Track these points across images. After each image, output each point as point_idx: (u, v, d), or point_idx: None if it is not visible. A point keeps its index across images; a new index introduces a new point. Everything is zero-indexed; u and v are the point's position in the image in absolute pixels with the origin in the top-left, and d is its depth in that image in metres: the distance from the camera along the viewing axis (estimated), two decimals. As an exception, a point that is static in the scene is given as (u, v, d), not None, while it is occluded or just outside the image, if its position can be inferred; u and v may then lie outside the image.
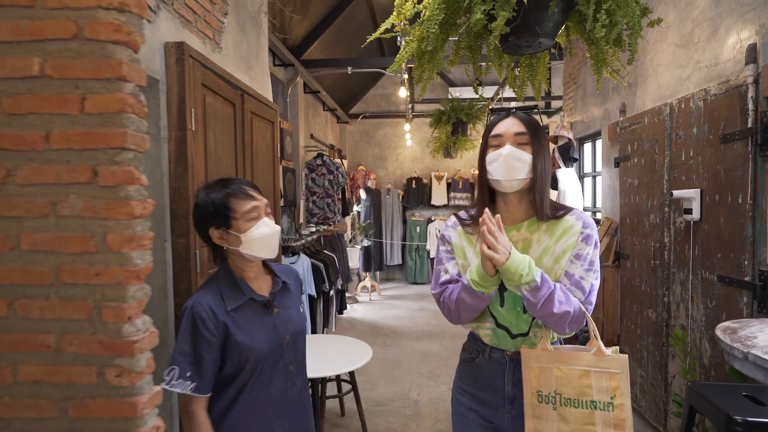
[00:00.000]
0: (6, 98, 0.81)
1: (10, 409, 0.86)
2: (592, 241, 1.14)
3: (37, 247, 0.84)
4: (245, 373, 1.19)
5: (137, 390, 0.85)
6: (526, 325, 1.18)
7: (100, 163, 0.81)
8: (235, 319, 1.18)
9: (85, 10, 0.78)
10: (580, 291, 1.12)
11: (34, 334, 0.85)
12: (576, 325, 1.10)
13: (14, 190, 0.83)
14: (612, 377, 1.06)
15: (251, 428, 1.20)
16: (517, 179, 1.14)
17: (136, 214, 0.83)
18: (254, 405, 1.20)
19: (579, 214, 1.18)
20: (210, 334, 1.14)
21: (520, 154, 1.14)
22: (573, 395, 1.08)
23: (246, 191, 1.21)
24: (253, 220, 1.19)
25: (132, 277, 0.84)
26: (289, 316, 1.29)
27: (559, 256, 1.14)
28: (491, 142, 1.19)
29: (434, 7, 1.75)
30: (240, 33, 2.62)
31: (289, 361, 1.26)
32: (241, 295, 1.21)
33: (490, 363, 1.22)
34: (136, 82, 0.82)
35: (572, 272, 1.13)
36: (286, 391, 1.26)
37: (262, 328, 1.22)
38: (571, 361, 1.09)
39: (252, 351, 1.18)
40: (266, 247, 1.21)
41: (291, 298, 1.34)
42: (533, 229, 1.17)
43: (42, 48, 0.79)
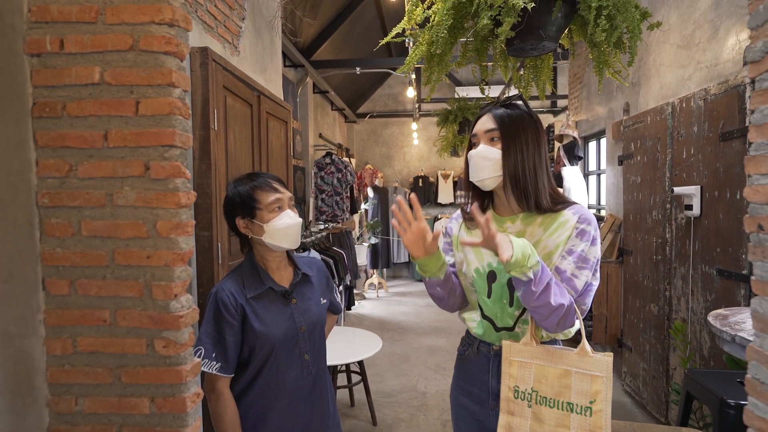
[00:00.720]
0: (70, 102, 0.92)
1: (70, 376, 0.97)
2: (587, 237, 1.06)
3: (95, 233, 0.94)
4: (260, 358, 1.24)
5: (182, 360, 0.96)
6: (511, 319, 1.14)
7: (151, 159, 0.92)
8: (253, 307, 1.24)
9: (140, 25, 0.88)
10: (570, 288, 1.05)
11: (91, 309, 0.96)
12: (566, 323, 1.03)
13: (76, 183, 0.94)
14: (594, 380, 1.00)
15: (266, 411, 1.25)
16: (485, 178, 1.11)
17: (182, 204, 0.94)
18: (269, 390, 1.26)
19: (578, 208, 1.10)
20: (231, 317, 1.20)
21: (487, 152, 1.10)
22: (550, 394, 1.03)
23: (271, 184, 1.28)
24: (275, 211, 1.25)
25: (178, 260, 0.94)
26: (307, 307, 1.33)
27: (552, 251, 1.07)
28: (472, 141, 1.18)
29: (443, 13, 1.85)
30: (256, 36, 2.73)
31: (304, 350, 1.31)
32: (261, 284, 1.27)
33: (477, 356, 1.21)
34: (182, 88, 0.93)
35: (563, 268, 1.05)
36: (301, 380, 1.30)
37: (279, 317, 1.27)
38: (553, 359, 1.04)
39: (267, 338, 1.23)
40: (287, 237, 1.27)
41: (312, 289, 1.38)
42: (528, 221, 1.12)
43: (102, 58, 0.90)
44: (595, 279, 1.08)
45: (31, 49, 0.91)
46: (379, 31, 6.19)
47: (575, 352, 1.03)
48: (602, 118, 4.00)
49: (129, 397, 0.96)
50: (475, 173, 1.12)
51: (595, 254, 1.07)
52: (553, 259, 1.07)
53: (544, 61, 2.29)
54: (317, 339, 1.37)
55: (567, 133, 4.30)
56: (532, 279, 0.96)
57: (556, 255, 1.07)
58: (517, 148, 1.10)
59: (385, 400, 3.40)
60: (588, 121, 4.31)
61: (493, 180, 1.11)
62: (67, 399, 0.97)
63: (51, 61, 0.92)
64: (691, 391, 1.83)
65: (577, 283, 1.05)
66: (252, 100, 2.45)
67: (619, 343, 3.54)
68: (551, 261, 1.07)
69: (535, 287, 0.97)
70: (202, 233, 1.92)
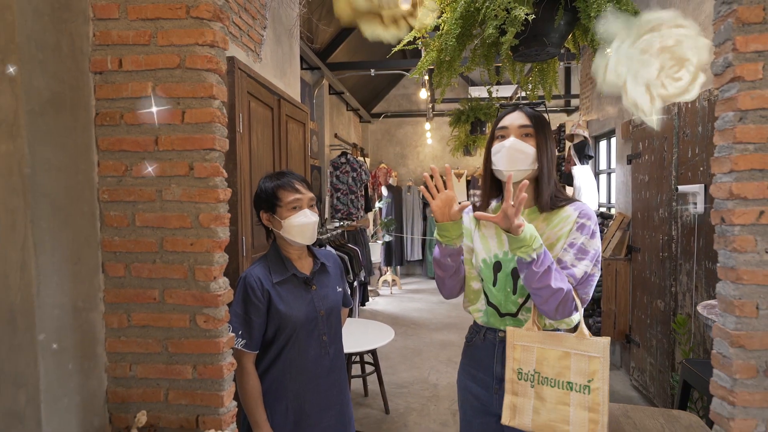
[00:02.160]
0: (127, 113, 1.08)
1: (125, 346, 1.13)
2: (586, 231, 1.14)
3: (146, 224, 1.10)
4: (283, 337, 1.37)
5: (219, 333, 1.11)
6: (514, 306, 1.21)
7: (194, 161, 1.07)
8: (278, 291, 1.36)
9: (186, 46, 1.04)
10: (571, 278, 1.12)
11: (143, 289, 1.12)
12: (565, 309, 1.11)
13: (131, 182, 1.10)
14: (591, 361, 1.06)
15: (288, 385, 1.38)
16: (517, 170, 1.17)
17: (221, 199, 1.09)
18: (291, 366, 1.38)
19: (579, 205, 1.19)
20: (257, 300, 1.33)
21: (522, 146, 1.17)
22: (551, 375, 1.10)
23: (293, 185, 1.39)
24: (293, 209, 1.37)
25: (217, 247, 1.10)
26: (325, 293, 1.46)
27: (553, 243, 1.16)
28: (497, 133, 1.22)
29: (451, 23, 1.97)
30: (276, 43, 2.89)
31: (323, 332, 1.43)
32: (285, 271, 1.40)
33: (484, 343, 1.28)
34: (221, 99, 1.08)
35: (564, 259, 1.14)
36: (320, 359, 1.42)
37: (301, 301, 1.39)
38: (553, 342, 1.12)
39: (290, 319, 1.36)
40: (302, 234, 1.38)
41: (329, 278, 1.50)
42: (533, 217, 1.21)
43: (154, 75, 1.06)
44: (596, 270, 1.14)
45: (95, 67, 1.08)
46: (394, 33, 6.30)
47: (574, 336, 1.11)
48: (612, 118, 4.06)
49: (174, 364, 1.12)
50: (510, 163, 1.17)
51: (594, 246, 1.14)
52: (555, 250, 1.15)
53: (550, 64, 2.39)
54: (334, 323, 1.49)
55: (578, 133, 4.37)
56: (534, 259, 1.05)
57: (557, 246, 1.16)
58: (546, 147, 1.19)
59: (398, 391, 3.54)
60: (599, 120, 4.37)
61: (523, 173, 1.17)
62: (122, 365, 1.13)
63: (111, 77, 1.08)
64: (687, 380, 1.92)
65: (576, 272, 1.12)
66: (273, 104, 2.61)
67: (627, 339, 3.61)
68: (553, 252, 1.15)
69: (537, 268, 1.05)
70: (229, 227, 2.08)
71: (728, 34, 0.89)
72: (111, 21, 1.07)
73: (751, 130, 0.88)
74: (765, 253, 0.88)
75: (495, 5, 1.78)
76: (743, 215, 0.88)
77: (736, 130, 0.88)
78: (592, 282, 1.14)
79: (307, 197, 1.41)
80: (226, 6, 1.08)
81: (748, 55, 0.87)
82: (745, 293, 0.90)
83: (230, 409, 1.15)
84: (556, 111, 7.16)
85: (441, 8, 2.10)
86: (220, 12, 1.07)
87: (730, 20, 0.88)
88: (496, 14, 1.82)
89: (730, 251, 0.91)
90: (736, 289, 0.90)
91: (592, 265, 1.13)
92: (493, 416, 1.26)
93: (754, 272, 0.89)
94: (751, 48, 0.87)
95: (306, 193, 1.41)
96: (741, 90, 0.88)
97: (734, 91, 0.89)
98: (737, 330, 0.91)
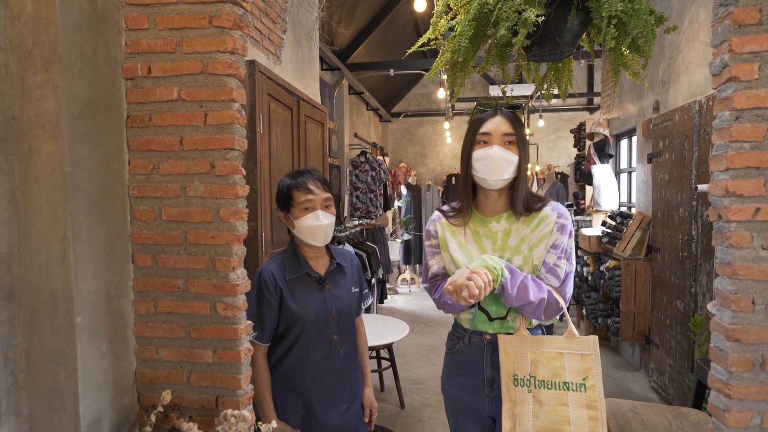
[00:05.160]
0: (155, 115, 1.17)
1: (152, 331, 1.22)
2: (566, 231, 1.18)
3: (172, 218, 1.19)
4: (293, 334, 1.39)
5: (237, 320, 1.19)
6: (504, 309, 1.22)
7: (216, 159, 1.15)
8: (290, 288, 1.39)
9: (209, 53, 1.12)
10: (554, 278, 1.17)
11: (168, 278, 1.21)
12: (552, 311, 1.15)
13: (158, 179, 1.19)
14: (584, 359, 1.08)
15: (297, 380, 1.41)
16: (503, 179, 1.18)
17: (240, 195, 1.17)
18: (300, 362, 1.41)
19: (555, 205, 1.22)
20: (270, 296, 1.37)
21: (508, 155, 1.18)
22: (547, 377, 1.11)
23: (306, 185, 1.39)
24: (305, 210, 1.37)
25: (236, 240, 1.18)
26: (339, 293, 1.46)
27: (535, 244, 1.18)
28: (479, 138, 1.21)
29: (465, 24, 2.01)
30: (296, 46, 2.98)
31: (333, 331, 1.43)
32: (299, 269, 1.42)
33: (469, 348, 1.26)
34: (240, 102, 1.16)
35: (547, 260, 1.18)
36: (329, 357, 1.43)
37: (313, 300, 1.41)
38: (545, 345, 1.13)
39: (300, 317, 1.38)
40: (312, 235, 1.39)
41: (344, 278, 1.50)
42: (512, 220, 1.22)
43: (179, 80, 1.15)
44: (571, 266, 1.20)
45: (127, 74, 1.17)
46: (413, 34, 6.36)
47: (564, 336, 1.13)
48: (633, 116, 4.00)
49: (196, 349, 1.21)
50: (495, 172, 1.17)
51: (572, 245, 1.21)
52: (537, 252, 1.18)
53: (565, 64, 2.40)
54: (346, 323, 1.49)
55: (598, 131, 4.33)
56: (504, 285, 1.09)
57: (540, 247, 1.18)
58: (524, 154, 1.22)
59: (414, 387, 3.59)
60: (619, 119, 4.32)
61: (506, 181, 1.19)
62: (149, 349, 1.23)
63: (141, 83, 1.17)
64: (701, 380, 1.91)
65: (560, 272, 1.17)
66: (292, 105, 2.70)
67: (646, 340, 3.57)
68: (536, 253, 1.18)
69: (510, 290, 1.09)
70: (249, 223, 2.17)
71: (725, 35, 0.91)
72: (141, 31, 1.16)
73: (747, 129, 0.90)
74: (761, 249, 0.90)
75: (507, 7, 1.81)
76: (739, 212, 0.90)
77: (732, 128, 0.90)
78: (571, 278, 1.19)
79: (321, 198, 1.40)
80: (245, 15, 1.16)
81: (744, 56, 0.89)
82: (741, 288, 0.92)
83: (247, 392, 1.23)
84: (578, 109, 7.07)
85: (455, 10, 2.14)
86: (239, 21, 1.15)
87: (726, 22, 0.90)
88: (508, 16, 1.85)
89: (727, 247, 0.93)
90: (733, 284, 0.93)
91: (571, 263, 1.18)
92: (486, 419, 1.27)
93: (750, 268, 0.91)
94: (747, 49, 0.89)
95: (320, 193, 1.40)
96: (737, 90, 0.90)
97: (730, 90, 0.91)
98: (733, 324, 0.93)
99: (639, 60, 2.12)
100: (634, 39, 1.95)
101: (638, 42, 1.99)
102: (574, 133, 5.25)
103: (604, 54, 4.39)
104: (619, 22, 1.84)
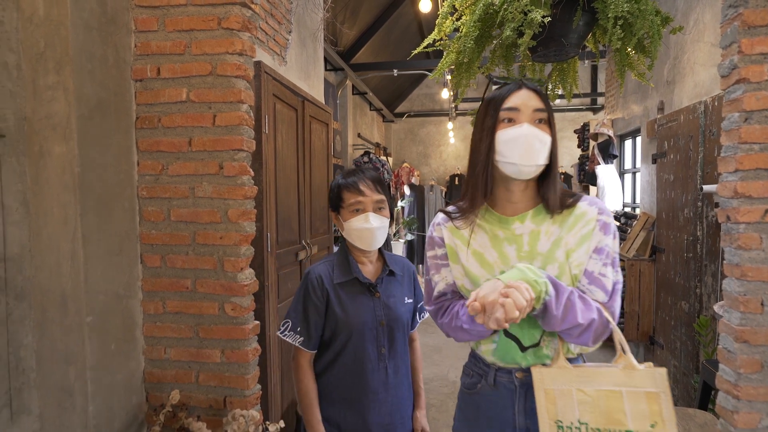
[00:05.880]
0: (164, 116, 1.17)
1: (160, 331, 1.23)
2: (610, 231, 0.93)
3: (180, 219, 1.20)
4: (338, 343, 1.28)
5: (245, 320, 1.20)
6: (537, 332, 0.94)
7: (224, 160, 1.16)
8: (338, 293, 1.28)
9: (218, 55, 1.13)
10: (601, 291, 0.91)
11: (177, 279, 1.22)
12: (600, 334, 0.90)
13: (167, 179, 1.20)
14: (650, 399, 0.83)
15: (340, 393, 1.30)
16: (537, 164, 0.92)
17: (248, 196, 1.18)
18: (345, 374, 1.29)
19: (591, 199, 0.96)
20: (317, 299, 1.26)
21: (542, 135, 0.92)
22: (602, 424, 0.85)
23: (357, 186, 1.29)
24: (354, 212, 1.28)
25: (244, 240, 1.19)
26: (390, 303, 1.33)
27: (572, 249, 0.92)
28: (504, 116, 0.94)
29: (470, 25, 2.01)
30: (300, 47, 2.99)
31: (382, 343, 1.30)
32: (348, 273, 1.30)
33: (495, 390, 0.98)
34: (249, 104, 1.17)
35: (591, 269, 0.92)
36: (375, 372, 1.29)
37: (361, 308, 1.29)
38: (596, 381, 0.86)
39: (346, 325, 1.26)
40: (361, 239, 1.29)
41: (398, 287, 1.38)
42: (540, 219, 0.96)
43: (188, 82, 1.15)
44: (619, 275, 0.94)
45: (136, 75, 1.18)
46: (416, 34, 6.36)
47: (620, 369, 0.85)
48: (638, 117, 3.99)
49: (204, 348, 1.21)
50: (529, 156, 0.91)
51: (617, 248, 0.95)
52: (576, 258, 0.92)
53: (570, 64, 2.40)
54: (397, 337, 1.34)
55: (602, 132, 4.32)
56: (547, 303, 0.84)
57: (579, 252, 0.92)
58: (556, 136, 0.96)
59: (417, 387, 3.59)
60: (624, 119, 4.31)
61: (539, 168, 0.93)
62: (158, 348, 1.23)
63: (150, 84, 1.18)
64: (707, 380, 1.91)
65: (606, 283, 0.92)
66: (297, 105, 2.71)
67: (651, 341, 3.56)
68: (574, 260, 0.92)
69: (556, 311, 0.85)
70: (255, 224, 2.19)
71: (734, 36, 0.91)
72: (150, 33, 1.17)
73: (756, 131, 0.90)
74: (770, 251, 0.90)
75: (512, 8, 1.81)
76: (748, 213, 0.90)
77: (742, 130, 0.90)
78: (619, 290, 0.94)
79: (372, 200, 1.30)
80: (254, 17, 1.16)
81: (754, 57, 0.89)
82: (750, 290, 0.92)
83: (254, 392, 1.23)
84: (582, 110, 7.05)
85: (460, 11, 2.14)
86: (248, 23, 1.15)
87: (736, 23, 0.90)
88: (513, 17, 1.85)
89: (735, 248, 0.93)
90: (741, 285, 0.93)
91: (617, 271, 0.94)
92: None
93: (759, 269, 0.91)
94: (756, 50, 0.89)
95: (371, 195, 1.30)
96: (746, 91, 0.90)
97: (740, 92, 0.91)
98: (742, 325, 0.93)
99: (645, 60, 2.13)
100: (640, 39, 1.95)
101: (644, 42, 1.99)
102: (577, 133, 5.24)
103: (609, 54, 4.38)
104: (625, 23, 1.84)
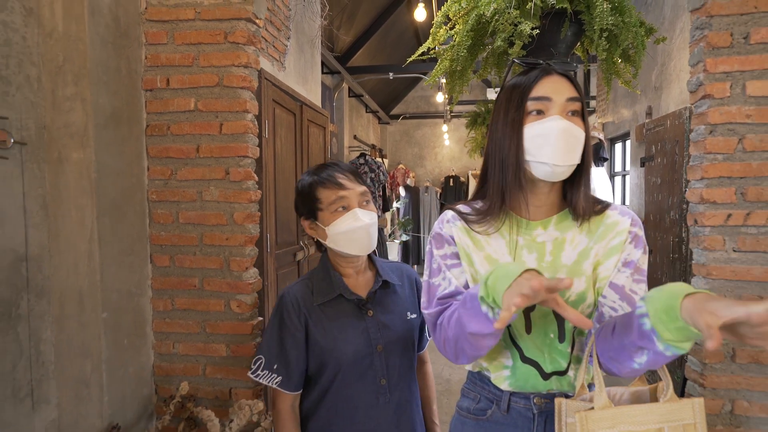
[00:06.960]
0: (173, 124, 1.25)
1: (169, 327, 1.30)
2: (641, 245, 0.84)
3: (188, 221, 1.28)
4: (325, 378, 1.03)
5: (250, 317, 1.28)
6: (564, 360, 0.82)
7: (230, 166, 1.24)
8: (319, 317, 1.03)
9: (224, 67, 1.20)
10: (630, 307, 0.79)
11: (185, 277, 1.29)
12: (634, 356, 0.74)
13: (175, 184, 1.27)
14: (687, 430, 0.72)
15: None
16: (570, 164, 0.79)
17: (252, 200, 1.25)
18: (337, 417, 1.04)
19: (622, 209, 0.87)
20: (294, 327, 1.02)
21: (576, 130, 0.79)
22: None
23: (335, 179, 1.03)
24: (338, 212, 1.02)
25: (248, 241, 1.26)
26: (387, 321, 1.06)
27: (600, 260, 0.82)
28: (532, 107, 0.80)
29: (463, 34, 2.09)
30: (299, 52, 3.07)
31: (380, 374, 1.03)
32: (330, 290, 1.04)
33: (508, 417, 0.85)
34: (253, 113, 1.24)
35: (620, 283, 0.81)
36: (374, 408, 1.03)
37: (350, 331, 1.03)
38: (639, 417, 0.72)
39: (332, 355, 1.01)
40: (352, 242, 1.02)
41: (396, 300, 1.10)
42: (565, 226, 0.85)
43: (196, 92, 1.23)
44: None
45: (147, 86, 1.25)
46: (412, 38, 6.45)
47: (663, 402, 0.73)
48: (627, 121, 4.10)
49: (211, 343, 1.29)
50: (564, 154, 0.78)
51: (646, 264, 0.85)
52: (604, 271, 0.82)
53: (560, 71, 2.49)
54: (397, 362, 1.06)
55: (593, 135, 4.43)
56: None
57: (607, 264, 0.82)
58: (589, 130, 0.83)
59: (412, 384, 3.67)
60: (614, 123, 4.41)
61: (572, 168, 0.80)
62: (166, 343, 1.31)
63: (160, 94, 1.25)
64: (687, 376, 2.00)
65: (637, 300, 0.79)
66: (295, 110, 2.78)
67: (639, 339, 3.66)
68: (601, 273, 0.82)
69: None
70: (255, 225, 2.26)
71: (700, 56, 1.00)
72: (160, 45, 1.24)
73: (720, 142, 0.99)
74: (732, 252, 0.98)
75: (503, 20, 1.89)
76: (713, 218, 0.99)
77: (707, 141, 0.99)
78: None
79: (357, 192, 1.05)
80: (258, 31, 1.24)
81: (717, 76, 0.98)
82: (714, 287, 1.01)
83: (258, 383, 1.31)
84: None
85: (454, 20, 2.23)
86: (253, 37, 1.23)
87: (702, 44, 0.99)
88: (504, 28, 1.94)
89: (702, 249, 1.02)
90: (707, 283, 1.01)
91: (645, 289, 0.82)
92: None
93: (722, 268, 0.99)
94: (719, 69, 0.98)
95: (354, 187, 1.05)
96: (711, 106, 0.99)
97: (705, 107, 1.00)
98: (707, 320, 1.02)
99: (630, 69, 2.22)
100: (625, 50, 2.04)
101: (629, 52, 2.08)
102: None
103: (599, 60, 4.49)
104: (610, 35, 1.93)
